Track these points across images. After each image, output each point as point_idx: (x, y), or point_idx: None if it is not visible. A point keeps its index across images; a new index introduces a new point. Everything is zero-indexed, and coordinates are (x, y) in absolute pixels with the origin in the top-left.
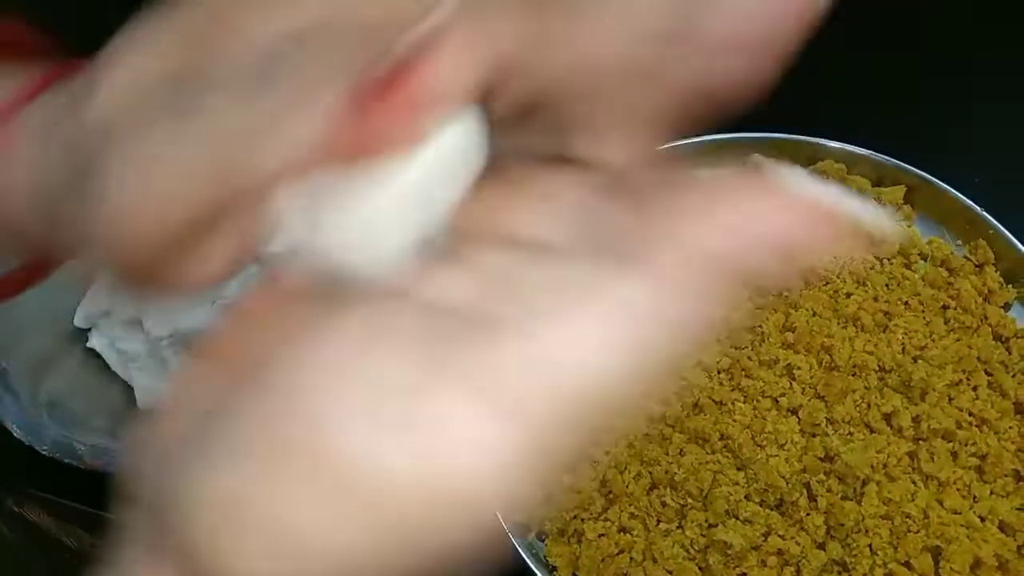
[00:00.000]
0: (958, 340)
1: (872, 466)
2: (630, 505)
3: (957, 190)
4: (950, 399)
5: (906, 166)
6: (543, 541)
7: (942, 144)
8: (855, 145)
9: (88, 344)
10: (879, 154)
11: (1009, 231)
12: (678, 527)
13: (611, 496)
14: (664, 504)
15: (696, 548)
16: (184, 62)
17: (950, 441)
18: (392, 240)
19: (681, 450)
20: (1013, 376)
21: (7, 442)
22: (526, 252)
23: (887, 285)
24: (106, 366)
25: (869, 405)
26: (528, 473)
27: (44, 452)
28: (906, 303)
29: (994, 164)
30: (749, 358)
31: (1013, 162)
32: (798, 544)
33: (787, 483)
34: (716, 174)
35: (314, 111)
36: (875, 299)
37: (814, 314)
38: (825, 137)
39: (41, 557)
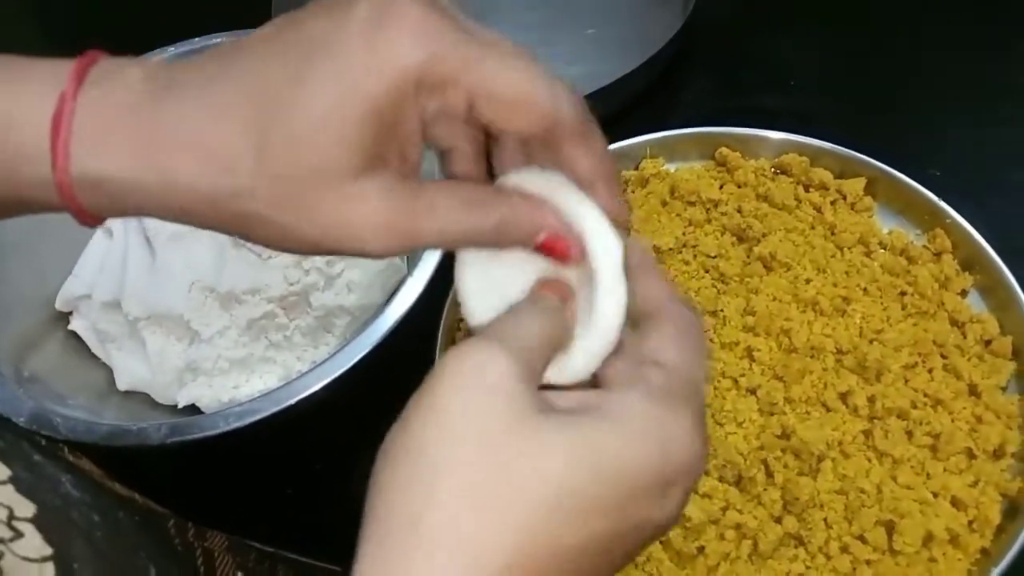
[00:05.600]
0: (915, 325)
1: (828, 443)
2: None
3: (916, 182)
4: (905, 380)
5: (867, 158)
6: None
7: (903, 138)
8: (817, 139)
9: (69, 327)
10: (841, 147)
11: (967, 221)
12: None
13: None
14: None
15: None
16: None
17: (904, 420)
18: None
19: None
20: (968, 359)
21: None
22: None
23: (846, 272)
24: (87, 348)
25: (826, 385)
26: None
27: (21, 423)
28: (864, 289)
29: (953, 157)
30: (711, 340)
31: (971, 155)
32: (755, 518)
33: (745, 460)
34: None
35: None
36: (834, 285)
37: (774, 299)
38: (789, 131)
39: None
